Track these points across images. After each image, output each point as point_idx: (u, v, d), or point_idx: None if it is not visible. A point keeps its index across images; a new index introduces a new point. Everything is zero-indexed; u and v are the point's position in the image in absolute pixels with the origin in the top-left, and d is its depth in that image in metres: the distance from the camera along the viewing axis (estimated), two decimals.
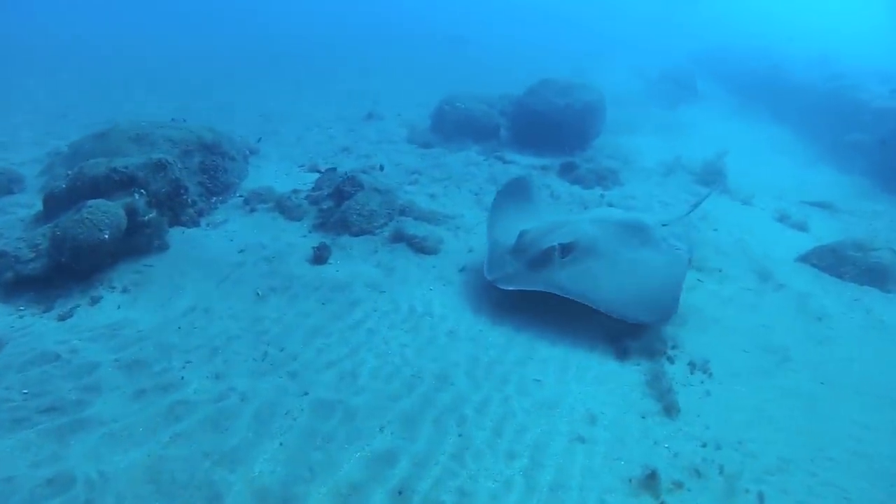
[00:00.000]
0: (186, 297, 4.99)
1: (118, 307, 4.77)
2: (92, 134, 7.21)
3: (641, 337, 4.86)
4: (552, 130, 11.17)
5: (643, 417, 4.04)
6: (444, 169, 9.42)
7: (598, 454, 3.63)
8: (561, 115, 11.20)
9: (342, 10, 32.58)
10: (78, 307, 4.70)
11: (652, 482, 3.39)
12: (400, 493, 3.18)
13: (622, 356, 4.71)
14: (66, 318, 4.57)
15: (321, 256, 5.80)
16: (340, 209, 6.66)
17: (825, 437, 4.03)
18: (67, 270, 4.92)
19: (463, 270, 5.93)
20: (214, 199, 7.00)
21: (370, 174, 7.63)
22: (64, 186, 5.57)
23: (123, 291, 4.98)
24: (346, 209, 6.61)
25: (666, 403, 4.16)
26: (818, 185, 11.10)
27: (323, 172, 8.11)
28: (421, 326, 4.87)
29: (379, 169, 8.87)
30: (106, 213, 5.01)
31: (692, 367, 4.67)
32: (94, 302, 4.79)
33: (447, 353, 4.54)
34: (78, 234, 4.85)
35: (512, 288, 4.96)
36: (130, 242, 5.39)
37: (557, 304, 4.95)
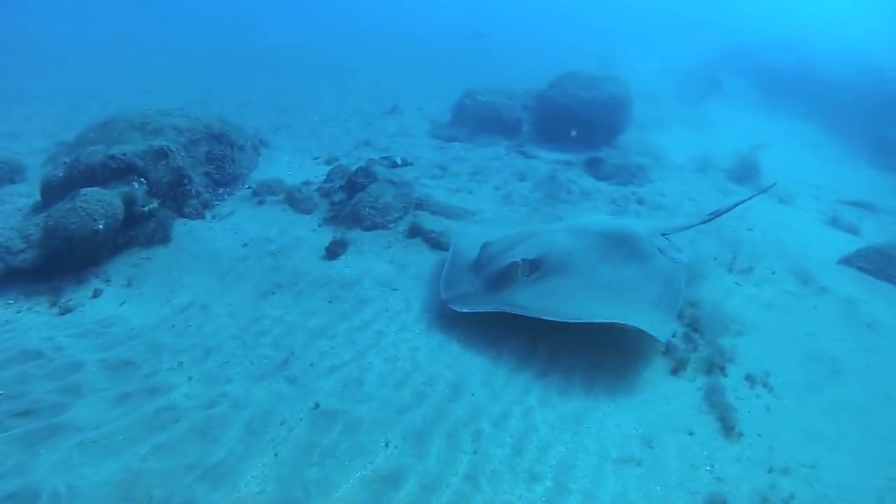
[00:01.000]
0: (184, 292, 4.68)
1: (111, 302, 4.46)
2: (97, 123, 6.96)
3: (680, 345, 4.40)
4: (577, 124, 10.71)
5: (691, 434, 3.57)
6: (465, 163, 9.02)
7: (632, 477, 3.19)
8: (586, 108, 10.74)
9: (360, 8, 32.47)
10: (69, 301, 4.40)
11: None
12: None
13: (672, 367, 4.23)
14: (54, 312, 4.27)
15: (335, 252, 5.45)
16: (352, 202, 6.30)
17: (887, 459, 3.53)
18: (60, 262, 4.63)
19: None
20: (221, 190, 6.70)
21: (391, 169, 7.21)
22: (61, 175, 5.29)
23: (118, 286, 4.68)
24: (358, 202, 6.24)
25: (722, 416, 3.70)
26: (854, 182, 10.50)
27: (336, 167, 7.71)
28: (434, 328, 4.45)
29: (403, 164, 8.48)
30: (101, 202, 4.71)
31: (751, 380, 4.17)
32: (86, 296, 4.49)
33: (462, 359, 4.11)
34: (70, 223, 4.55)
35: (467, 310, 4.22)
36: (129, 234, 5.09)
37: None
